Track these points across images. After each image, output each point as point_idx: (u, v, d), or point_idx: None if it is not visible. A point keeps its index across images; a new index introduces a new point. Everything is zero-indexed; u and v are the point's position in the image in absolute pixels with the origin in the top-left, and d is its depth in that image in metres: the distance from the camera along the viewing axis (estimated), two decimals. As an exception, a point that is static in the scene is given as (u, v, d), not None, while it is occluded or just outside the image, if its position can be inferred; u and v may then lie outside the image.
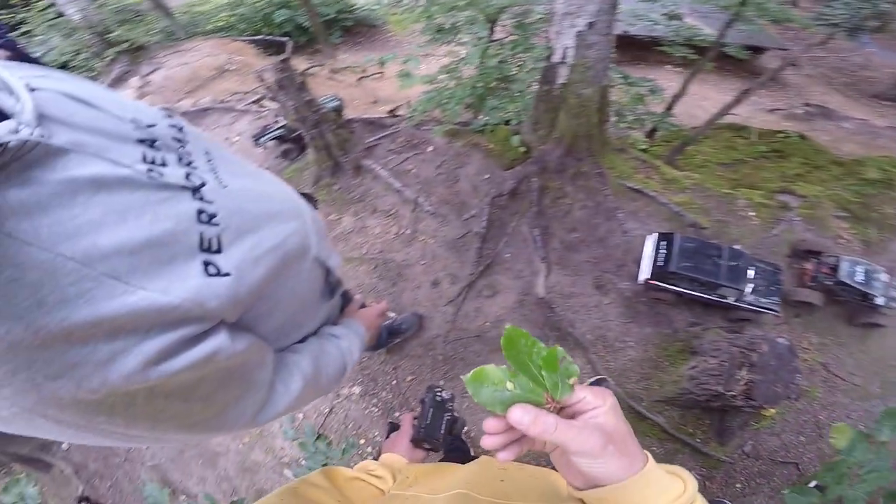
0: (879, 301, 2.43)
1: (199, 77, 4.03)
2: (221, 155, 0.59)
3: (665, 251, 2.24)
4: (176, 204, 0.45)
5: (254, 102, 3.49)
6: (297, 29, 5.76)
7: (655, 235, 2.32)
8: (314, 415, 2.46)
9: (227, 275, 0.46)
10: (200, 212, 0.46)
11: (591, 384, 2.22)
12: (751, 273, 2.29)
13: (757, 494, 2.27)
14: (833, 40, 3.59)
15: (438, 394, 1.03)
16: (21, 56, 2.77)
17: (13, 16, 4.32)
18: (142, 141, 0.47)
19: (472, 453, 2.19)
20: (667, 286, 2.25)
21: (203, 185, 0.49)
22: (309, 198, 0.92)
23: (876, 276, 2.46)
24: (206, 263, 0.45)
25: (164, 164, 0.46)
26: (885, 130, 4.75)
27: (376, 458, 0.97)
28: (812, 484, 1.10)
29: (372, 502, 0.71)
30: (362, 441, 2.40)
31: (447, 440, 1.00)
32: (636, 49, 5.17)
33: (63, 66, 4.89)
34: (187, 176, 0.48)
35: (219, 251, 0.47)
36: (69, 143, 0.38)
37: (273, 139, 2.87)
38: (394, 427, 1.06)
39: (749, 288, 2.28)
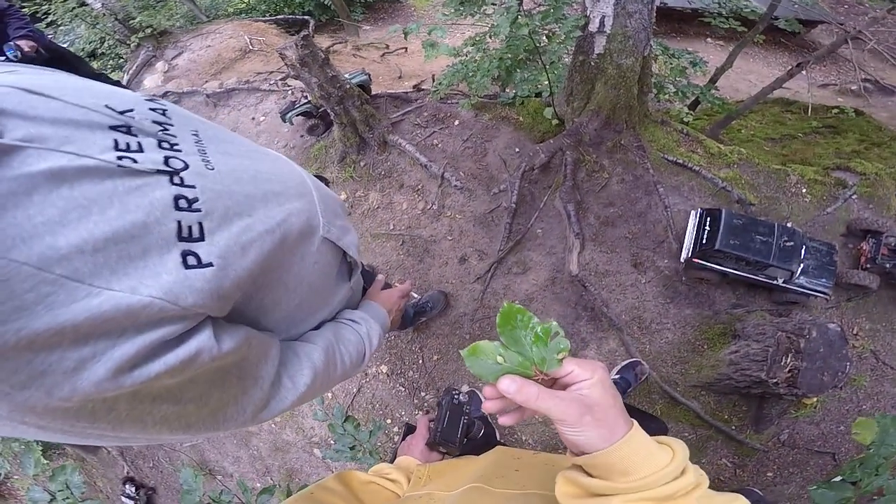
0: (944, 286, 2.23)
1: (223, 59, 4.05)
2: (214, 135, 0.56)
3: (710, 228, 2.10)
4: (149, 192, 0.41)
5: (279, 81, 3.46)
6: (319, 7, 5.72)
7: (700, 211, 2.18)
8: (343, 395, 2.48)
9: (208, 265, 0.43)
10: (178, 198, 0.43)
11: (625, 367, 2.08)
12: (803, 253, 2.12)
13: (788, 484, 2.19)
14: (893, 14, 3.27)
15: (456, 396, 0.99)
16: (48, 47, 2.83)
17: (37, 7, 4.41)
18: (115, 128, 0.44)
19: (498, 435, 2.14)
20: (711, 265, 2.11)
21: (185, 167, 0.46)
22: (320, 178, 0.88)
23: (941, 260, 2.25)
24: (185, 254, 0.41)
25: (139, 150, 0.44)
26: (952, 108, 4.35)
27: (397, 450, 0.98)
28: (837, 479, 0.99)
29: None
30: (389, 421, 2.40)
31: (464, 443, 0.97)
32: (675, 21, 4.88)
33: (91, 55, 5.02)
34: (166, 160, 0.45)
35: (201, 239, 0.43)
36: (25, 137, 0.36)
37: (300, 115, 2.84)
38: (410, 429, 1.04)
39: (800, 269, 2.12)
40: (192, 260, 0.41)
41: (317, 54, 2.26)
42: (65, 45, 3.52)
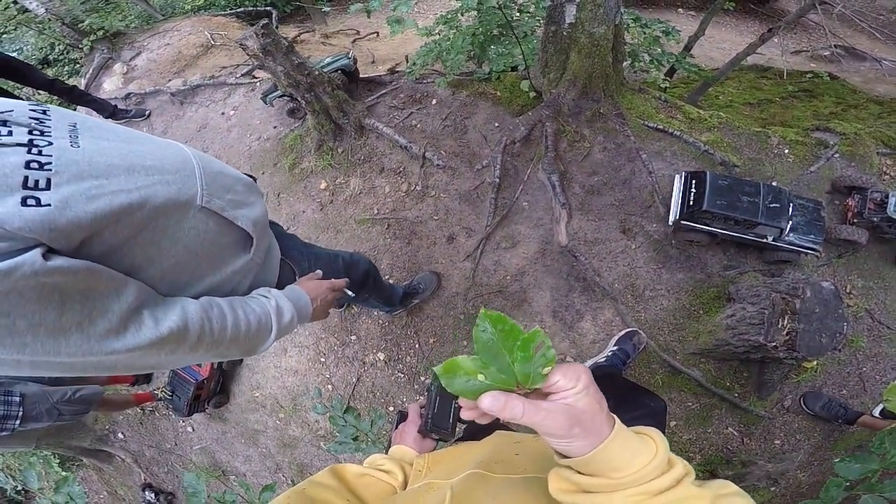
0: (932, 238, 2.24)
1: (184, 56, 3.93)
2: (92, 126, 0.69)
3: (696, 190, 2.07)
4: (5, 158, 0.55)
5: (245, 75, 3.36)
6: None
7: (684, 174, 2.15)
8: (342, 385, 2.43)
9: (47, 206, 0.54)
10: (31, 162, 0.56)
11: (622, 338, 2.02)
12: (791, 210, 2.11)
13: (797, 451, 2.15)
14: None
15: None
16: None
17: None
18: None
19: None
20: (699, 226, 2.08)
21: (49, 145, 0.59)
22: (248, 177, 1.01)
23: (926, 212, 2.25)
24: (26, 198, 0.53)
25: (10, 135, 0.58)
26: (919, 72, 4.44)
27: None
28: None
29: (387, 500, 0.70)
30: (391, 408, 2.36)
31: (457, 427, 0.94)
32: (646, -6, 4.89)
33: (44, 62, 4.83)
34: (30, 141, 0.58)
35: (46, 189, 0.55)
36: None
37: (281, 96, 2.74)
38: (402, 416, 1.01)
39: (789, 226, 2.10)
40: (31, 202, 0.53)
41: (280, 42, 2.18)
42: (12, 54, 3.34)
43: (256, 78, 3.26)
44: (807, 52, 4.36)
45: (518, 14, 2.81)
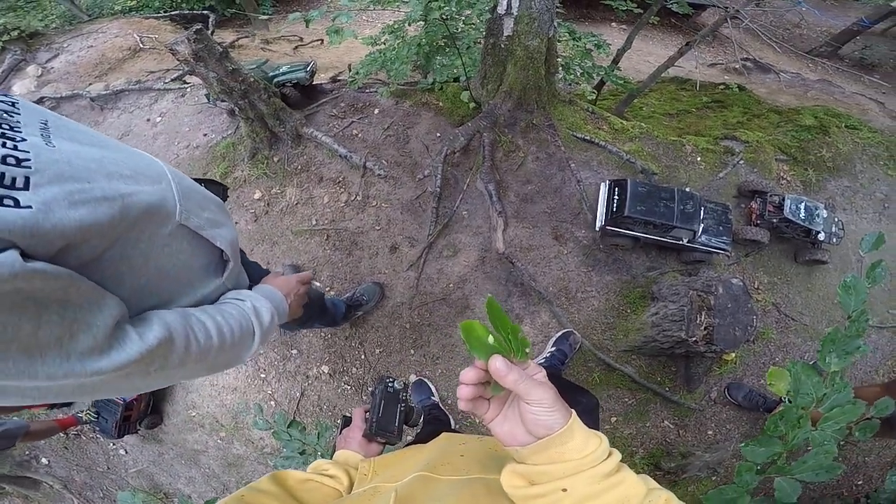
0: (821, 236, 2.53)
1: (108, 59, 3.65)
2: (63, 125, 0.64)
3: (619, 197, 2.24)
4: None
5: (175, 80, 3.18)
6: (222, 2, 5.32)
7: (608, 182, 2.31)
8: (286, 400, 2.37)
9: (27, 207, 0.49)
10: (6, 156, 0.51)
11: (559, 338, 2.14)
12: (702, 213, 2.33)
13: (729, 440, 2.32)
14: None
15: (390, 385, 0.98)
16: None
17: None
18: None
19: (453, 423, 2.13)
20: (623, 231, 2.25)
21: (23, 140, 0.54)
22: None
23: (817, 213, 2.54)
24: (3, 197, 0.48)
25: None
26: (817, 83, 5.02)
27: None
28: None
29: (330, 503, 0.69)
30: (338, 420, 2.31)
31: (403, 430, 0.96)
32: (583, 7, 5.16)
33: None
34: (2, 133, 0.53)
35: (25, 189, 0.50)
36: None
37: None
38: (347, 421, 1.00)
39: (701, 228, 2.32)
40: (8, 202, 0.48)
41: (213, 48, 2.11)
42: None
43: (187, 83, 3.09)
44: (721, 64, 4.80)
45: (463, 25, 2.87)
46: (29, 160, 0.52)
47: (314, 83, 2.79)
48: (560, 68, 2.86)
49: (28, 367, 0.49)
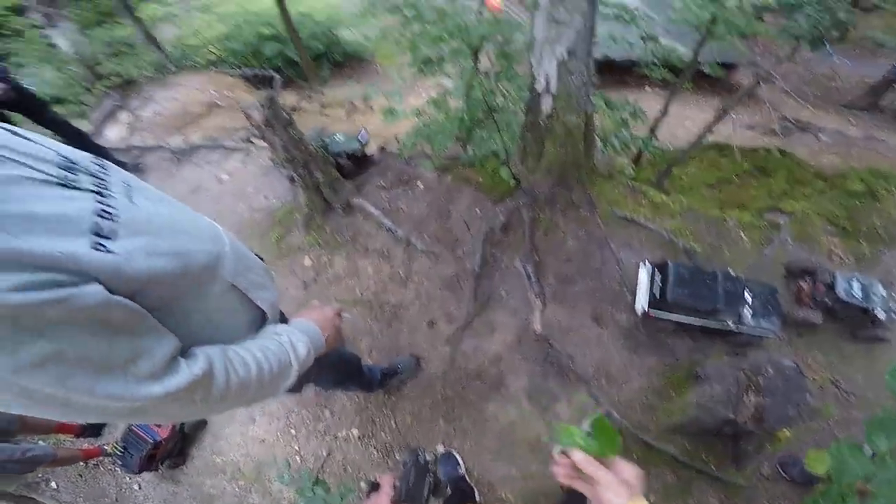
0: (880, 315, 2.41)
1: (189, 113, 4.03)
2: (142, 188, 0.74)
3: (661, 281, 2.22)
4: (80, 202, 0.59)
5: (245, 141, 3.47)
6: (287, 63, 5.76)
7: (649, 265, 2.30)
8: (312, 458, 2.39)
9: (114, 253, 0.57)
10: (103, 210, 0.60)
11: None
12: (748, 296, 2.27)
13: None
14: (799, 52, 3.67)
15: (422, 455, 1.01)
16: (17, 89, 2.79)
17: (5, 46, 4.27)
18: (61, 165, 0.63)
19: (477, 497, 2.10)
20: (665, 317, 2.22)
21: (112, 197, 0.64)
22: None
23: (873, 290, 2.44)
24: (96, 243, 0.56)
25: (79, 181, 0.62)
26: (859, 140, 4.87)
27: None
28: None
29: None
30: (362, 484, 2.31)
31: (430, 501, 0.99)
32: (617, 73, 5.30)
33: (56, 100, 4.85)
34: (98, 191, 0.63)
35: (111, 238, 0.58)
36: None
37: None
38: (374, 486, 1.01)
39: (748, 311, 2.26)
40: (101, 248, 0.57)
41: (281, 115, 2.25)
42: (33, 89, 3.41)
43: (253, 142, 3.36)
44: (759, 127, 4.76)
45: (502, 99, 3.01)
46: (118, 215, 0.62)
47: (366, 153, 2.97)
48: (599, 141, 2.93)
49: (90, 385, 0.57)
